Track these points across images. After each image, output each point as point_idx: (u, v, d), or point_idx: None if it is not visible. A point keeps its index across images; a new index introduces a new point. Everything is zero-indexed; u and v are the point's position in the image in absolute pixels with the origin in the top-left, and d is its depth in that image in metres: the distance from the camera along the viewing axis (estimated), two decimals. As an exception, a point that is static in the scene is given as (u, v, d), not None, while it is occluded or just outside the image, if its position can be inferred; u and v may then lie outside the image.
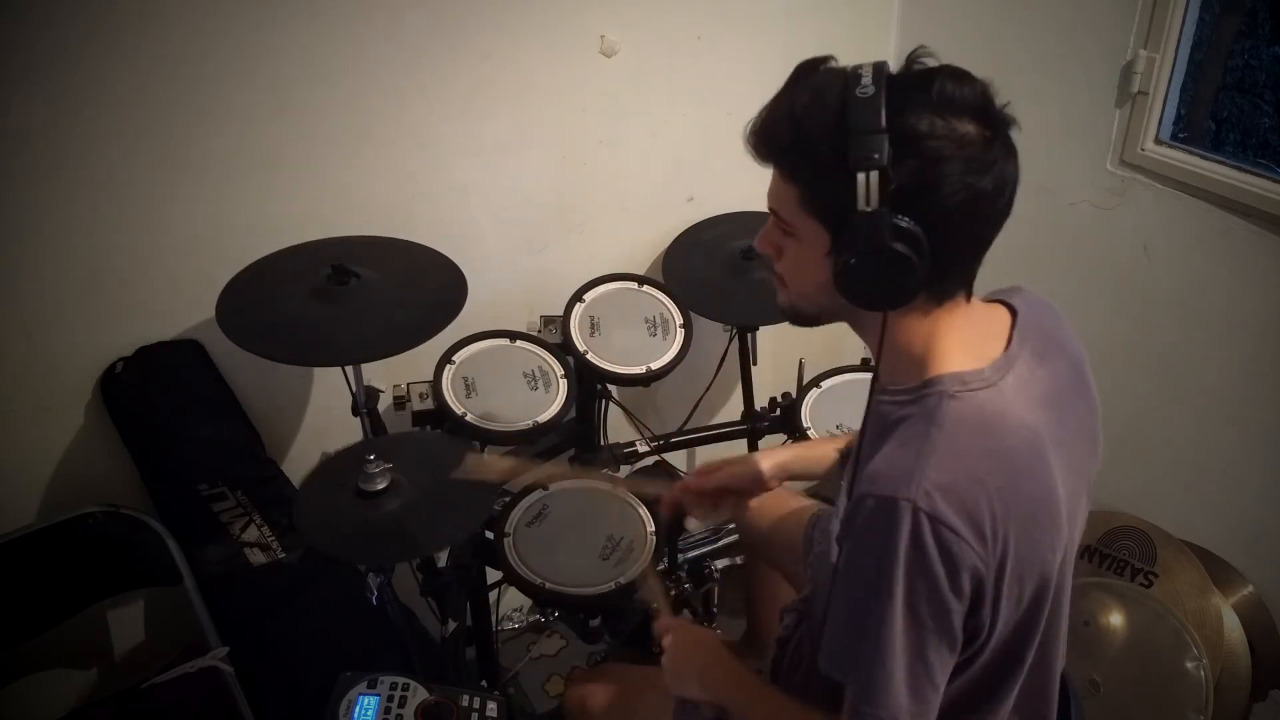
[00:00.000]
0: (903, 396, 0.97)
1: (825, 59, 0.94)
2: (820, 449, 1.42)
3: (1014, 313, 1.03)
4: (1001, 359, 0.97)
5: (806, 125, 0.90)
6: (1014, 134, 0.91)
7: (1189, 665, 1.73)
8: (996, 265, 1.12)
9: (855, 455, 1.00)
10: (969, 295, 0.98)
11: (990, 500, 0.88)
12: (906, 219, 0.87)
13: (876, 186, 0.86)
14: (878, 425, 0.98)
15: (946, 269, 0.92)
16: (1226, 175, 1.74)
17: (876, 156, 0.85)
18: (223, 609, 1.62)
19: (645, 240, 2.14)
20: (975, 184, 0.87)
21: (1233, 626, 1.81)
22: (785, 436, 1.99)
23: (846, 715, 0.93)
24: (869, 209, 0.86)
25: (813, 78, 0.92)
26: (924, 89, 0.87)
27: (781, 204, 0.96)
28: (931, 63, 0.92)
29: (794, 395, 1.99)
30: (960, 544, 0.86)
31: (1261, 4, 1.81)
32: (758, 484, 1.40)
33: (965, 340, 0.96)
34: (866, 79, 0.87)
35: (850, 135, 0.86)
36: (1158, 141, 1.86)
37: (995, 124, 0.89)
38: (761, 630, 1.69)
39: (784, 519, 1.57)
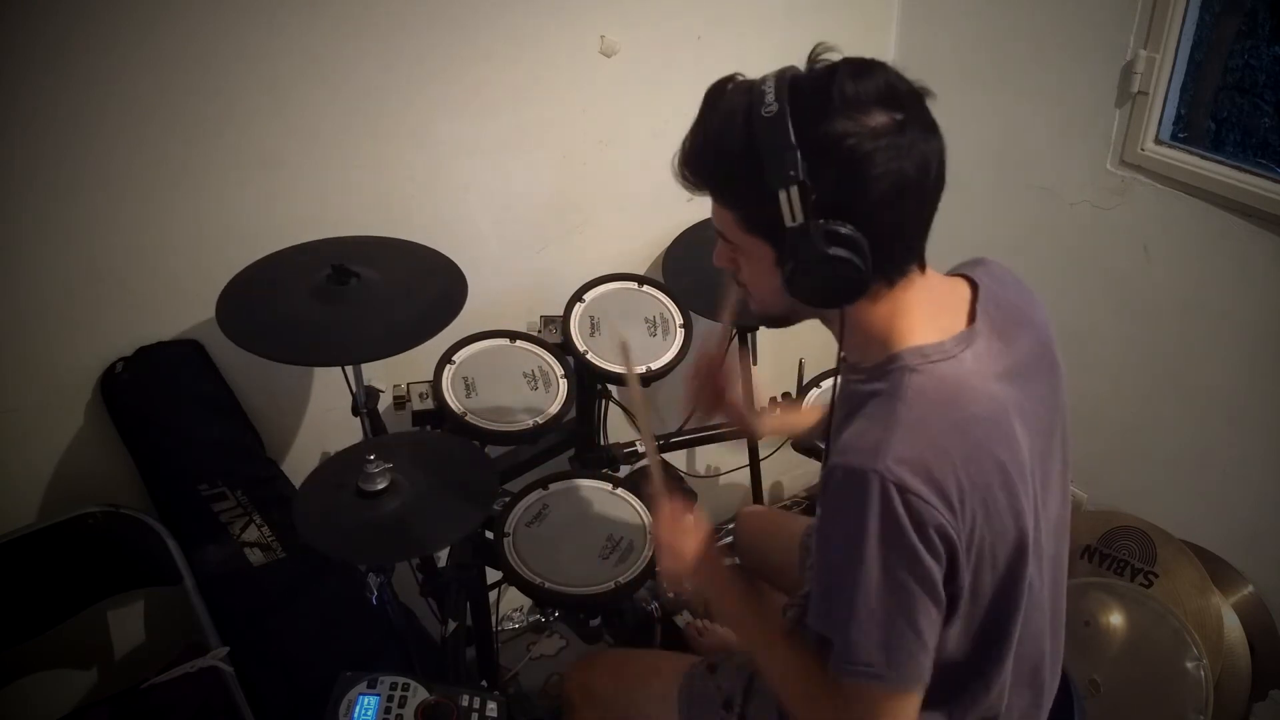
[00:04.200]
0: (867, 374, 0.99)
1: (732, 77, 0.96)
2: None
3: (975, 287, 1.04)
4: (964, 332, 0.99)
5: (723, 151, 0.93)
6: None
7: (1189, 665, 1.73)
8: (996, 265, 1.13)
9: (826, 434, 1.04)
10: (922, 267, 0.99)
11: (956, 470, 0.90)
12: (838, 222, 0.88)
13: (799, 200, 0.88)
14: (847, 403, 1.01)
15: (890, 254, 0.94)
16: (1226, 175, 1.74)
17: (792, 173, 0.87)
18: (223, 609, 1.61)
19: (645, 240, 2.14)
20: (897, 170, 0.88)
21: (1233, 626, 1.81)
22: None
23: (831, 670, 0.96)
24: (795, 224, 0.89)
25: (721, 101, 0.94)
26: (825, 92, 0.88)
27: (724, 226, 0.99)
28: (834, 57, 0.92)
29: (794, 395, 1.99)
30: (929, 509, 0.89)
31: (1261, 4, 1.81)
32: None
33: (926, 315, 0.99)
34: (770, 95, 0.88)
35: (764, 156, 0.88)
36: (1158, 141, 1.86)
37: (905, 105, 0.90)
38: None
39: (778, 538, 1.60)
